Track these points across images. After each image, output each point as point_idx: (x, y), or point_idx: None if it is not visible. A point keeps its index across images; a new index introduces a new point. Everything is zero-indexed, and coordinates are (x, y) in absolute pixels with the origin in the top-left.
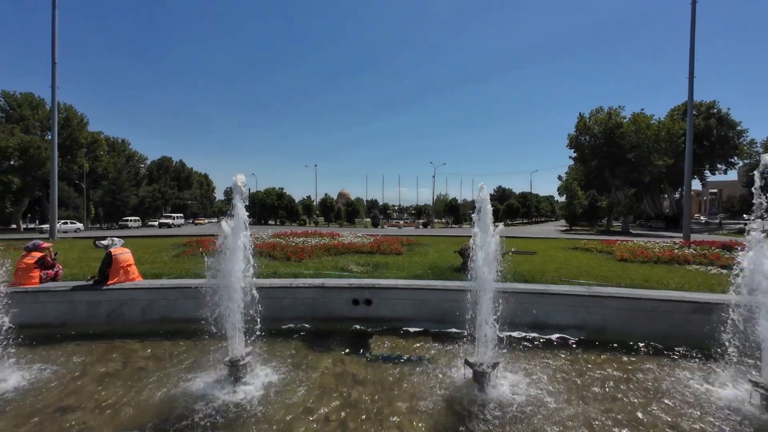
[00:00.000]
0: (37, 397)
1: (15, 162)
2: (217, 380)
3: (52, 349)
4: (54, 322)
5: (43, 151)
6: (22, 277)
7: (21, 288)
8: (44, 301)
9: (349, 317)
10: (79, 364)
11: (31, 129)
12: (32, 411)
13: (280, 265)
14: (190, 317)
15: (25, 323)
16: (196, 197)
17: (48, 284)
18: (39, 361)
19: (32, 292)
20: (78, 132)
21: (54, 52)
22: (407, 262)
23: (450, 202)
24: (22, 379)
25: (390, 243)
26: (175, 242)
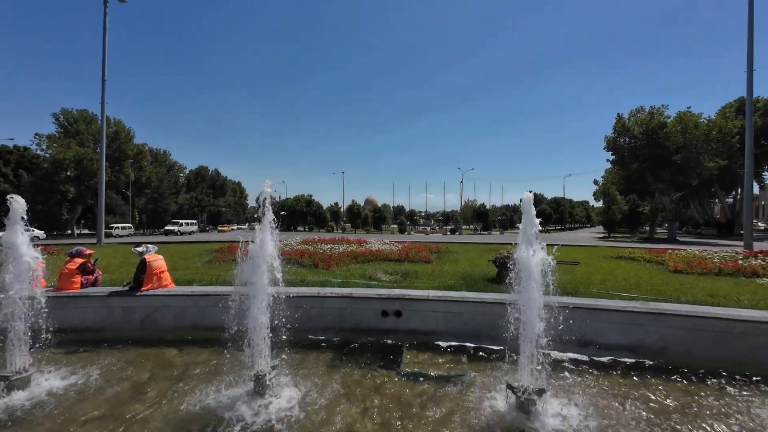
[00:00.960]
0: (69, 405)
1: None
2: (244, 394)
3: (89, 354)
4: (93, 327)
5: (95, 163)
6: (65, 282)
7: (63, 293)
8: (84, 306)
9: (378, 329)
10: (113, 371)
11: (86, 142)
12: (64, 420)
13: (308, 273)
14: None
15: (67, 327)
16: (230, 204)
17: (88, 289)
18: (77, 365)
19: (73, 297)
20: (125, 144)
21: (104, 71)
22: (437, 270)
23: (478, 207)
24: (60, 382)
25: (418, 250)
26: (209, 248)
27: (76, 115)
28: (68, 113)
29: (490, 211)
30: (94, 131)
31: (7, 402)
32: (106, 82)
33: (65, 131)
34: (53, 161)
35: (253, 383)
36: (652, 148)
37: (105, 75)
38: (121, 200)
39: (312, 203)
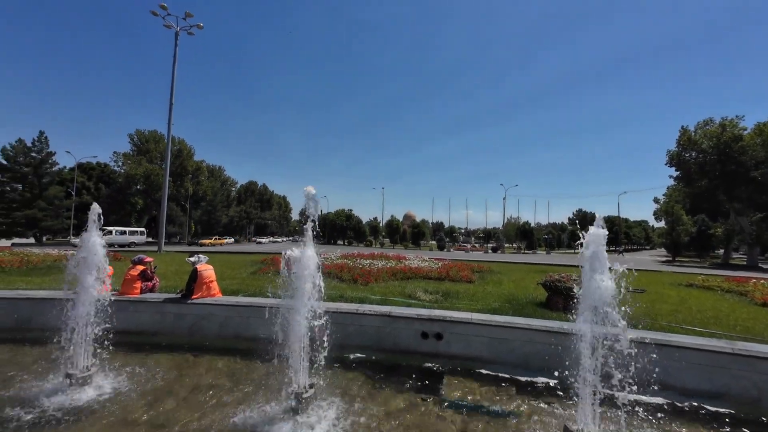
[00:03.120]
0: (123, 405)
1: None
2: (281, 411)
3: (143, 357)
4: (148, 330)
5: (160, 178)
6: (127, 288)
7: (125, 297)
8: (142, 311)
9: (417, 351)
10: (162, 375)
11: (154, 159)
12: (118, 419)
13: (347, 288)
14: (261, 336)
15: (127, 329)
16: (275, 217)
17: (146, 295)
18: (132, 367)
19: (133, 302)
20: (187, 161)
21: (172, 95)
22: (480, 291)
23: (522, 225)
24: (117, 383)
25: (459, 269)
26: (254, 259)
27: (147, 135)
28: (141, 133)
29: (535, 229)
30: (161, 149)
31: (72, 398)
32: (173, 105)
33: (138, 149)
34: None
35: (292, 401)
36: (724, 164)
37: (173, 99)
38: (180, 212)
39: (352, 218)
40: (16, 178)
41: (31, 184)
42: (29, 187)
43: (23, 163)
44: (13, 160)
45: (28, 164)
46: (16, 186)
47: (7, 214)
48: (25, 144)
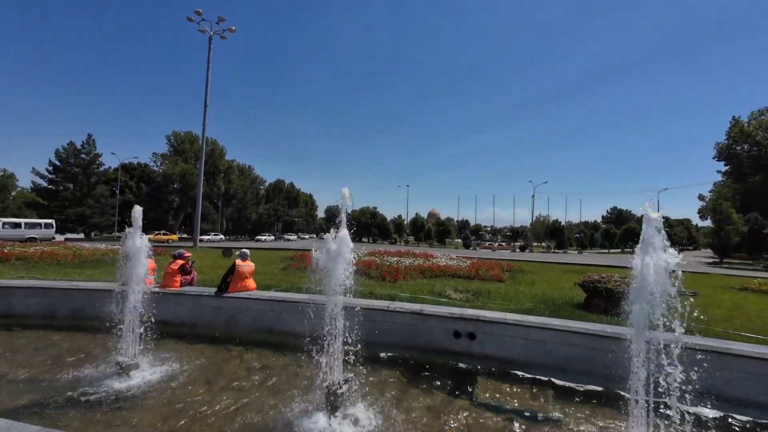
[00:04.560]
0: (164, 391)
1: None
2: (315, 407)
3: (184, 347)
4: (187, 322)
5: (195, 177)
6: (168, 281)
7: (166, 290)
8: (182, 303)
9: (449, 350)
10: (201, 365)
11: (189, 159)
12: (162, 406)
13: (376, 285)
14: (294, 331)
15: (168, 320)
16: (302, 215)
17: (185, 288)
18: (173, 356)
19: (174, 294)
20: (219, 160)
21: (206, 97)
22: (512, 291)
23: (552, 224)
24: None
25: (489, 268)
26: (284, 255)
27: (183, 136)
28: (177, 135)
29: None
30: (195, 149)
31: (122, 384)
32: (207, 107)
33: (174, 150)
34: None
35: (324, 396)
36: None
37: (207, 101)
38: (213, 209)
39: (376, 215)
40: (68, 178)
41: (80, 183)
42: (79, 186)
43: (74, 164)
44: (65, 162)
45: (78, 165)
46: (68, 185)
47: (60, 211)
48: (75, 146)
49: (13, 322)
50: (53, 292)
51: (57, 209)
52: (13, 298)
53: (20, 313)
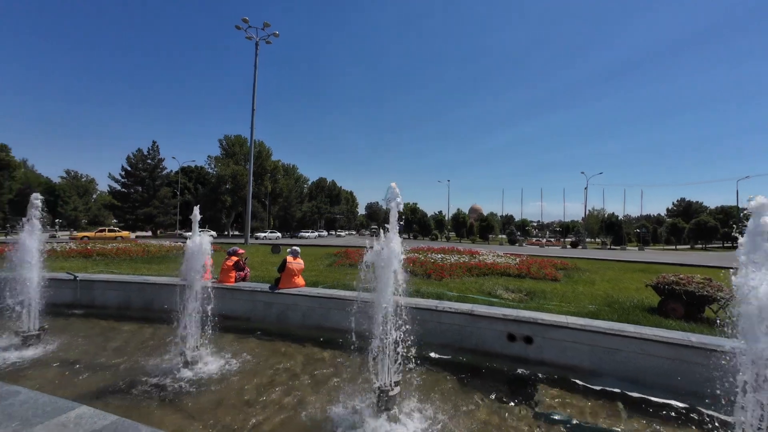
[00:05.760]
0: (223, 382)
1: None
2: (365, 408)
3: (239, 340)
4: (242, 316)
5: (245, 177)
6: (224, 276)
7: (223, 285)
8: (237, 298)
9: (502, 354)
10: (254, 359)
11: (239, 161)
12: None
13: (421, 283)
14: (342, 328)
15: (224, 314)
16: (343, 212)
17: (239, 284)
18: (230, 349)
19: (230, 289)
20: (266, 161)
21: (253, 101)
22: (570, 292)
23: (608, 218)
24: (219, 362)
25: (541, 266)
26: (329, 252)
27: (233, 139)
28: (229, 138)
29: (624, 222)
30: (245, 151)
31: (185, 374)
32: (255, 111)
33: (226, 152)
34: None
35: (376, 397)
36: None
37: (254, 105)
38: (261, 208)
39: (416, 211)
40: (137, 182)
41: (147, 186)
42: (146, 189)
43: (142, 168)
44: (134, 167)
45: (145, 169)
46: (137, 188)
47: (131, 211)
48: (142, 152)
49: (95, 312)
50: (128, 286)
51: (129, 210)
52: (95, 290)
53: (101, 303)
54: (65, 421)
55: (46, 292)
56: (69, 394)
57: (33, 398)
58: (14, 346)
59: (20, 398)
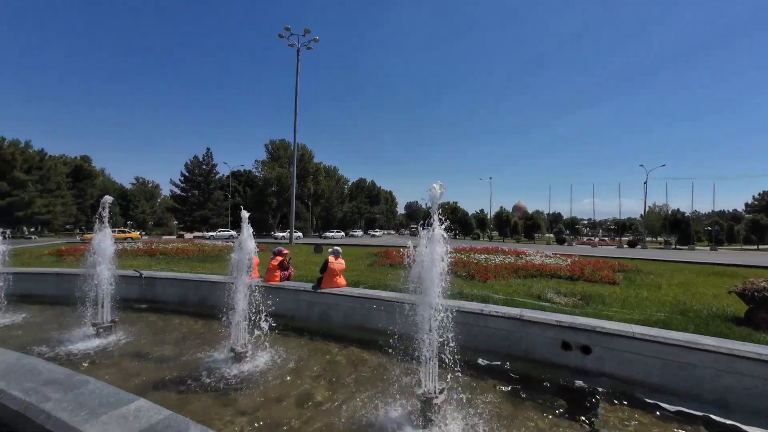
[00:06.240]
0: (270, 379)
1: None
2: (408, 415)
3: (285, 338)
4: (286, 314)
5: (289, 179)
6: (270, 276)
7: (268, 284)
8: (282, 297)
9: (556, 364)
10: (299, 358)
11: (284, 164)
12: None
13: (464, 284)
14: (384, 329)
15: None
16: (383, 212)
17: (284, 283)
18: (276, 347)
19: (275, 288)
20: (308, 163)
21: (296, 106)
22: (632, 296)
23: (672, 214)
24: (267, 359)
25: (597, 267)
26: (369, 252)
27: (278, 143)
28: (274, 143)
29: (692, 219)
30: (289, 155)
31: (236, 369)
32: (297, 115)
33: (271, 156)
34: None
35: (420, 404)
36: None
37: (297, 110)
38: (304, 209)
39: (457, 210)
40: (194, 186)
41: (203, 189)
42: (201, 192)
43: (197, 174)
44: (192, 172)
45: (201, 174)
46: (194, 192)
47: (189, 213)
48: (198, 159)
49: (157, 306)
50: (185, 283)
51: (187, 212)
52: (158, 287)
53: (163, 299)
54: (125, 413)
55: (116, 287)
56: (132, 382)
57: (99, 388)
58: (90, 336)
59: (89, 388)
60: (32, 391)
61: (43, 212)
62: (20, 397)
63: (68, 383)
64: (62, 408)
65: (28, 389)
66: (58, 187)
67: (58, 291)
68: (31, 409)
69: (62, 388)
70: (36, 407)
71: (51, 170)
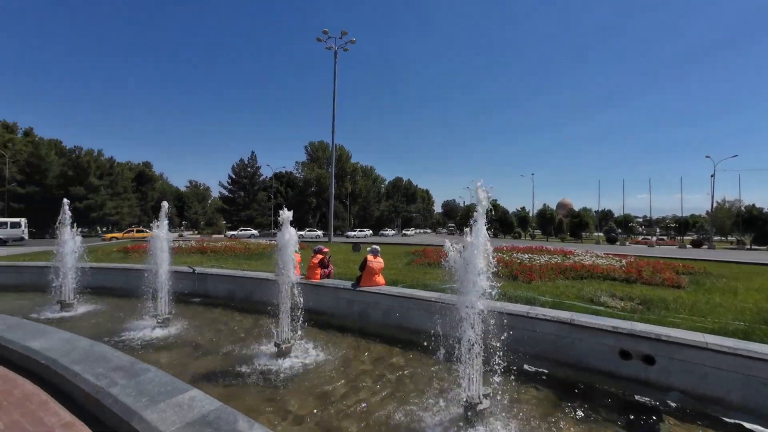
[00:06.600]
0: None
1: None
2: (450, 420)
3: (325, 334)
4: (326, 312)
5: (327, 180)
6: (311, 273)
7: (310, 281)
8: (322, 294)
9: (612, 374)
10: (339, 355)
11: (322, 165)
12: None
13: (507, 285)
14: (423, 329)
15: (310, 309)
16: (419, 210)
17: (325, 280)
18: (317, 342)
19: (316, 286)
20: (345, 164)
21: (334, 108)
22: (703, 302)
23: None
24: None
25: (657, 269)
26: (406, 251)
27: (317, 145)
28: (313, 144)
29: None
30: (327, 156)
31: (279, 363)
32: (335, 117)
33: (311, 157)
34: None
35: (463, 410)
36: None
37: (335, 112)
38: (342, 208)
39: (497, 208)
40: (240, 188)
41: (248, 191)
42: (247, 193)
43: (243, 176)
44: (238, 175)
45: (246, 176)
46: (240, 193)
47: (236, 214)
48: (243, 162)
49: (208, 301)
50: (233, 279)
51: (234, 213)
52: (208, 282)
53: (213, 294)
54: (181, 401)
55: (173, 282)
56: (184, 371)
57: (158, 377)
58: (150, 327)
59: (149, 376)
60: (102, 376)
61: (113, 213)
62: (92, 381)
63: (132, 370)
64: (127, 393)
65: (98, 374)
66: (125, 191)
67: (125, 284)
68: (101, 392)
69: (127, 374)
70: (105, 391)
71: (119, 175)
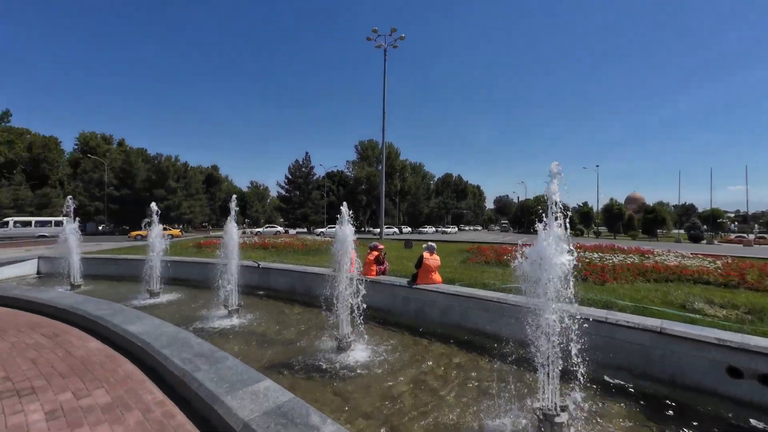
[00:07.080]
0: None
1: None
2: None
3: (383, 331)
4: (383, 308)
5: (377, 177)
6: (366, 270)
7: (366, 278)
8: (379, 291)
9: (717, 393)
10: (395, 354)
11: (372, 163)
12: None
13: (577, 286)
14: (482, 330)
15: (367, 306)
16: (470, 207)
17: (380, 277)
18: (375, 339)
19: (372, 282)
20: (394, 161)
21: (384, 106)
22: None
23: None
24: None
25: (765, 272)
26: (460, 248)
27: (366, 144)
28: (363, 143)
29: None
30: (377, 154)
31: (340, 360)
32: (385, 114)
33: (361, 156)
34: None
35: (537, 422)
36: None
37: (385, 109)
38: (392, 205)
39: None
40: (296, 187)
41: (303, 190)
42: (302, 192)
43: (298, 176)
44: (294, 175)
45: (301, 176)
46: (296, 192)
47: (293, 212)
48: (299, 162)
49: (271, 294)
50: (293, 274)
51: (291, 211)
52: (271, 277)
53: (275, 288)
54: (256, 390)
55: (241, 276)
56: (255, 360)
57: (235, 366)
58: (222, 317)
59: (227, 364)
60: (187, 361)
61: (187, 213)
62: (180, 364)
63: (212, 358)
64: (209, 379)
65: (184, 359)
66: (197, 192)
67: (199, 276)
68: (188, 376)
69: (208, 361)
70: (191, 375)
71: (192, 178)
